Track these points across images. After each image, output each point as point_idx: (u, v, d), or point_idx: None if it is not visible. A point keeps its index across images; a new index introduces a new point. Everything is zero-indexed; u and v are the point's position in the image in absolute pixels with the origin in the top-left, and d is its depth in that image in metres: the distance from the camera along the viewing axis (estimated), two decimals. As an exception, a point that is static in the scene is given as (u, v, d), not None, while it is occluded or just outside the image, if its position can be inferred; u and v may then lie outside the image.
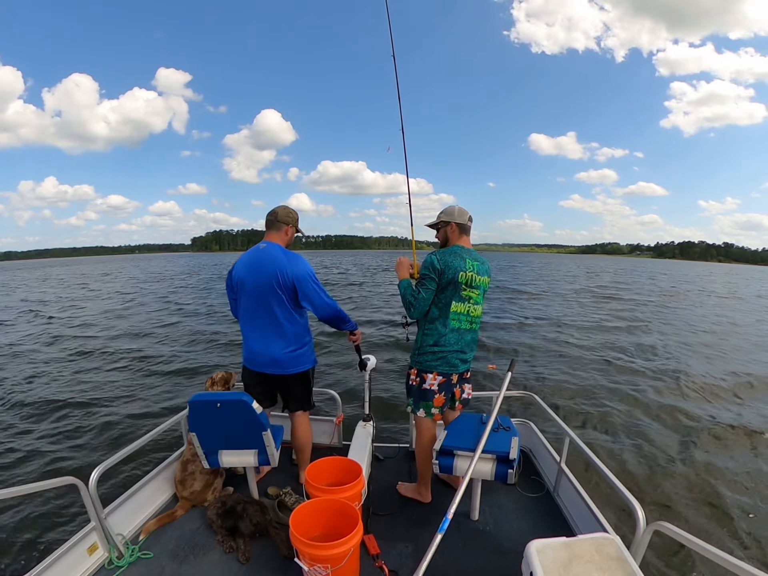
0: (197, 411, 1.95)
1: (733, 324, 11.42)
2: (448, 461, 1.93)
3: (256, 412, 1.92)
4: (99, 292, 19.47)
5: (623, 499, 1.56)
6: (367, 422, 2.52)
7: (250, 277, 2.08)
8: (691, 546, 1.24)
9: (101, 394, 5.43)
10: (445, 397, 2.08)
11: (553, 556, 1.24)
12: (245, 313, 2.15)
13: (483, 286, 2.06)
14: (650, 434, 4.27)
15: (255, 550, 1.84)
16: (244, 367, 2.27)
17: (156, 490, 2.19)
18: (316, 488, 1.78)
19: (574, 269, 41.91)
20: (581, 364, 6.82)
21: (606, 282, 25.27)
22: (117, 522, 1.85)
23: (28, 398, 5.30)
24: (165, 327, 10.12)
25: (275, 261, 2.04)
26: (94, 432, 4.27)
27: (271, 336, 2.10)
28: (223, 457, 2.05)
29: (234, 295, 2.22)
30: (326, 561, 1.46)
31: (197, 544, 1.89)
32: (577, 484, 2.05)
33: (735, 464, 3.71)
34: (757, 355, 7.83)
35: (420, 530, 1.97)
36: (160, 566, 1.75)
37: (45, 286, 24.83)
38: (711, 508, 3.10)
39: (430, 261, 1.98)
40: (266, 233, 2.17)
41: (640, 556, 1.38)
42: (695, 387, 5.82)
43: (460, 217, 2.06)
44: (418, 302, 1.97)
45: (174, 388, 5.71)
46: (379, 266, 40.56)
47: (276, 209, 2.17)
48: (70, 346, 8.32)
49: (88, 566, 1.70)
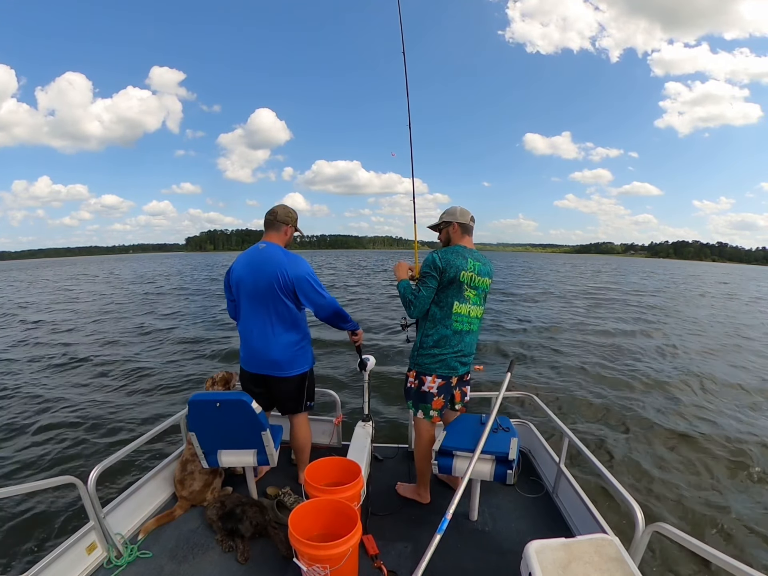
0: (197, 410, 1.95)
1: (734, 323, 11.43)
2: (447, 462, 1.93)
3: (255, 411, 1.92)
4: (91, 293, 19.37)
5: (622, 500, 1.57)
6: (366, 422, 2.52)
7: (250, 278, 2.06)
8: (689, 547, 1.25)
9: (101, 394, 5.43)
10: (444, 400, 2.07)
11: (552, 557, 1.24)
12: (244, 314, 2.13)
13: (483, 287, 2.03)
14: (650, 435, 4.27)
15: (254, 550, 1.84)
16: (242, 368, 2.24)
17: (155, 490, 2.19)
18: (315, 488, 1.78)
19: (570, 270, 41.93)
20: (581, 365, 6.82)
21: (604, 282, 25.29)
22: (116, 521, 1.85)
23: (28, 397, 5.30)
24: (153, 330, 10.10)
25: (276, 261, 2.02)
26: (92, 431, 4.27)
27: (270, 337, 2.08)
28: (222, 457, 2.05)
29: (232, 296, 2.20)
30: (325, 561, 1.46)
31: (196, 543, 1.89)
32: (576, 484, 2.05)
33: (736, 465, 3.71)
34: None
35: (419, 530, 1.97)
36: (159, 566, 1.74)
37: (31, 287, 24.50)
38: (710, 509, 3.10)
39: (431, 259, 1.95)
40: (265, 233, 2.14)
41: (639, 557, 1.39)
42: (696, 387, 5.83)
43: (462, 217, 2.05)
44: (419, 300, 1.95)
45: (174, 386, 5.71)
46: (375, 266, 40.53)
47: (275, 208, 2.14)
48: (69, 347, 8.32)
49: (86, 565, 1.70)
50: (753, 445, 4.06)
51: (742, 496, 3.24)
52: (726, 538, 2.81)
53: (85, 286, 23.37)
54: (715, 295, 20.67)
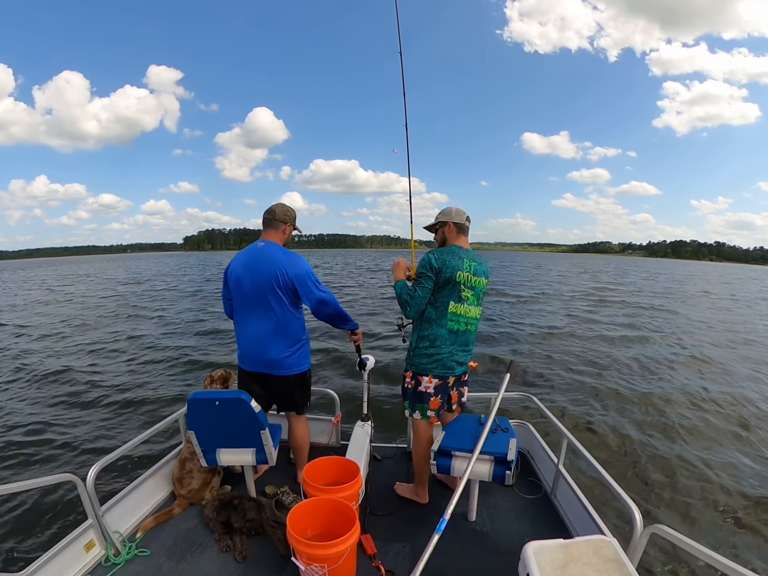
0: (196, 409, 1.95)
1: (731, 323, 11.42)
2: (445, 462, 1.93)
3: (254, 410, 1.92)
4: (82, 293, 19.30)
5: (620, 501, 1.56)
6: (365, 422, 2.52)
7: (248, 277, 2.05)
8: (687, 549, 1.25)
9: (100, 394, 5.43)
10: (441, 400, 2.07)
11: (550, 558, 1.24)
12: (242, 313, 2.13)
13: (479, 288, 2.02)
14: (649, 438, 4.27)
15: (252, 549, 1.84)
16: (240, 367, 2.23)
17: (153, 488, 2.19)
18: (314, 487, 1.78)
19: (571, 269, 41.91)
20: (581, 366, 6.83)
21: (605, 282, 25.28)
22: (114, 519, 1.85)
23: (27, 395, 5.30)
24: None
25: (275, 260, 2.02)
26: (91, 429, 4.27)
27: (269, 336, 2.07)
28: (221, 456, 2.05)
29: (229, 295, 2.19)
30: (323, 560, 1.46)
31: (194, 542, 1.89)
32: (575, 485, 2.05)
33: (736, 468, 3.71)
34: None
35: (417, 530, 1.97)
36: (157, 564, 1.74)
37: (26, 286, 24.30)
38: (709, 511, 3.10)
39: (427, 259, 1.95)
40: (263, 232, 2.14)
41: (637, 558, 1.39)
42: (697, 387, 5.83)
43: (457, 216, 2.05)
44: (414, 300, 1.94)
45: (176, 380, 5.70)
46: (373, 266, 40.43)
47: (273, 207, 2.14)
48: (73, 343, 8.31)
49: (85, 563, 1.70)
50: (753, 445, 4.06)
51: (742, 500, 3.24)
52: (724, 540, 2.82)
53: (82, 286, 23.35)
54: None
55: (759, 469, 3.69)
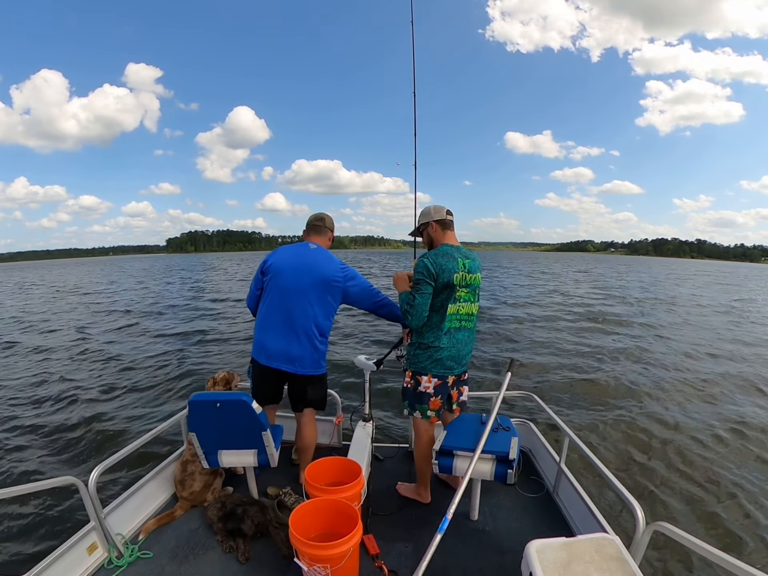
0: (197, 411, 1.95)
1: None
2: (447, 461, 1.93)
3: (255, 412, 1.92)
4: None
5: (623, 499, 1.57)
6: (367, 422, 2.51)
7: (297, 274, 2.09)
8: (690, 546, 1.25)
9: (99, 393, 5.43)
10: (442, 400, 2.06)
11: (552, 557, 1.24)
12: (274, 307, 2.11)
13: (475, 284, 2.01)
14: (650, 435, 4.26)
15: (255, 550, 1.84)
16: (257, 362, 2.18)
17: (155, 490, 2.19)
18: (316, 488, 1.78)
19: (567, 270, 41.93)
20: (582, 364, 6.82)
21: (602, 282, 25.28)
22: (116, 522, 1.85)
23: (27, 396, 5.31)
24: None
25: (329, 262, 2.14)
26: (93, 432, 4.27)
27: (300, 335, 2.09)
28: (222, 457, 2.06)
29: (259, 287, 2.20)
30: (326, 561, 1.46)
31: (197, 543, 1.89)
32: (577, 484, 2.05)
33: (736, 467, 3.70)
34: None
35: (419, 530, 1.97)
36: (160, 566, 1.75)
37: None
38: (711, 508, 3.10)
39: (423, 265, 1.91)
40: (311, 235, 2.28)
41: (639, 556, 1.39)
42: (697, 389, 5.82)
43: (437, 213, 2.03)
44: (415, 309, 1.89)
45: (176, 386, 5.70)
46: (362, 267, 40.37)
47: (323, 215, 2.34)
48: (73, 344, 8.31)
49: (87, 566, 1.70)
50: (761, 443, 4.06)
51: (743, 498, 3.23)
52: (727, 537, 2.81)
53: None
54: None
55: (765, 468, 3.68)
